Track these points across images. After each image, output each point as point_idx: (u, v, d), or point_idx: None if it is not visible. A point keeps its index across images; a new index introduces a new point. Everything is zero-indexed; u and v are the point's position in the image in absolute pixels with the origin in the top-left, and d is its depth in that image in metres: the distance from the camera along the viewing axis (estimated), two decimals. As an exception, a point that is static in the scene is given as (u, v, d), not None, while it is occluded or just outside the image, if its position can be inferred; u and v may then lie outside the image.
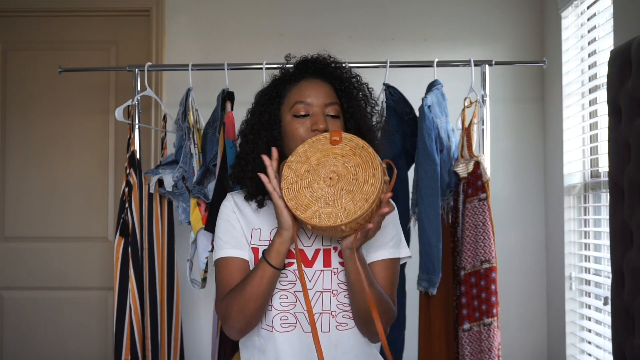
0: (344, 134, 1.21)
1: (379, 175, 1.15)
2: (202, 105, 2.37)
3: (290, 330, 1.27)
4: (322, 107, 1.30)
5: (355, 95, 1.35)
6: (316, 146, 1.21)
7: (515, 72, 2.73)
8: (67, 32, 2.89)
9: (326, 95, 1.32)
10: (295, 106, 1.31)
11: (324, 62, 1.37)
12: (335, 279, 1.28)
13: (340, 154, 1.19)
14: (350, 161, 1.18)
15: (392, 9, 2.79)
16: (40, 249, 2.86)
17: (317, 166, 1.19)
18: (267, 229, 1.32)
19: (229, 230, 1.32)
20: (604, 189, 2.19)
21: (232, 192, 1.39)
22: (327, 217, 1.15)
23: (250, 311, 1.24)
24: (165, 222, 2.34)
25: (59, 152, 2.87)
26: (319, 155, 1.20)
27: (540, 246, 2.73)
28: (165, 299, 2.32)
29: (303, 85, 1.33)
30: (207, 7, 2.81)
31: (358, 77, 1.40)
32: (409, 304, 2.19)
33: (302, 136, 1.29)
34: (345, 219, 1.13)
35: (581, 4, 2.42)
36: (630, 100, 1.59)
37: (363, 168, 1.17)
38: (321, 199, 1.16)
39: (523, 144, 2.75)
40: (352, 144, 1.20)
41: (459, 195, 2.14)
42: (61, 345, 2.84)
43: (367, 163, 1.17)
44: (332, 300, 1.28)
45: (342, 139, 1.21)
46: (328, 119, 1.30)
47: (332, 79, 1.35)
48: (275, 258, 1.22)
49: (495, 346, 2.02)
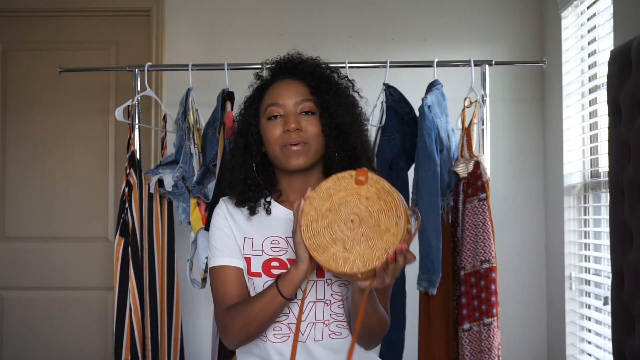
0: (371, 175, 1.16)
1: (402, 225, 1.10)
2: (202, 105, 2.37)
3: (284, 341, 1.27)
4: (295, 107, 1.28)
5: (330, 89, 1.31)
6: (340, 184, 1.17)
7: (515, 72, 2.73)
8: (67, 32, 2.89)
9: (298, 94, 1.30)
10: (268, 109, 1.30)
11: (294, 61, 1.35)
12: (329, 289, 1.28)
13: (364, 196, 1.14)
14: (374, 205, 1.13)
15: (392, 9, 2.79)
16: (40, 249, 2.86)
17: (339, 206, 1.15)
18: (260, 238, 1.31)
19: (222, 238, 1.31)
20: (604, 189, 2.19)
21: (224, 198, 1.37)
22: (343, 262, 1.11)
23: (254, 330, 1.24)
24: (165, 222, 2.34)
25: (59, 152, 2.87)
26: (342, 194, 1.16)
27: (540, 246, 2.73)
28: (165, 299, 2.32)
29: (275, 87, 1.32)
30: (207, 7, 2.81)
31: (337, 72, 1.37)
32: (409, 304, 2.18)
33: (276, 138, 1.27)
34: (362, 268, 1.10)
35: (581, 4, 2.42)
36: (630, 100, 1.59)
37: (386, 214, 1.11)
38: (340, 242, 1.12)
39: (523, 144, 2.75)
40: (377, 187, 1.14)
41: (459, 195, 2.14)
42: (61, 345, 2.84)
43: (391, 210, 1.11)
44: (325, 310, 1.27)
45: (368, 179, 1.15)
46: (302, 117, 1.28)
47: (304, 76, 1.32)
48: (287, 288, 1.20)
49: (495, 346, 2.02)
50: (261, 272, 1.28)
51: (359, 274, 1.10)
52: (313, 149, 1.28)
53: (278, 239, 1.30)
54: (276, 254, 1.29)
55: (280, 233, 1.30)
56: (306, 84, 1.31)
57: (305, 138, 1.27)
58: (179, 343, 2.36)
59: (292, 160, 1.27)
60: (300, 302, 1.21)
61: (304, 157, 1.27)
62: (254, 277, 1.28)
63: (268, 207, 1.32)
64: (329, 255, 1.13)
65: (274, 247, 1.29)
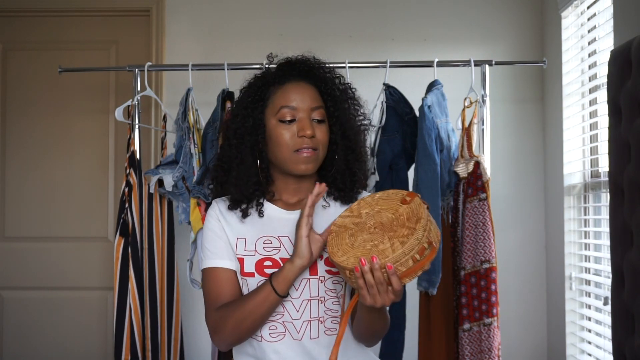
0: (418, 200, 1.14)
1: (408, 249, 1.07)
2: (202, 105, 2.37)
3: (279, 340, 1.27)
4: (309, 112, 1.27)
5: (340, 97, 1.32)
6: (390, 198, 1.18)
7: (515, 72, 2.73)
8: (67, 32, 2.89)
9: (312, 99, 1.28)
10: (280, 111, 1.27)
11: (309, 64, 1.33)
12: (323, 286, 1.27)
13: (399, 213, 1.14)
14: (397, 221, 1.13)
15: (392, 9, 2.79)
16: (40, 249, 2.86)
17: (376, 213, 1.16)
18: (253, 239, 1.30)
19: (215, 240, 1.31)
20: (604, 189, 2.19)
21: (217, 199, 1.36)
22: (342, 253, 1.12)
23: (246, 329, 1.23)
24: (165, 222, 2.34)
25: (59, 152, 2.87)
26: (385, 205, 1.17)
27: (540, 246, 2.73)
28: (165, 299, 2.32)
29: (288, 88, 1.29)
30: (207, 7, 2.81)
31: (341, 78, 1.37)
32: (409, 304, 2.19)
33: (287, 142, 1.26)
34: (347, 264, 1.10)
35: (581, 4, 2.42)
36: (630, 100, 1.59)
37: (400, 234, 1.10)
38: (352, 237, 1.14)
39: (523, 144, 2.75)
40: (414, 210, 1.13)
41: (459, 195, 2.14)
42: (61, 345, 2.84)
43: (409, 235, 1.09)
44: (319, 307, 1.27)
45: (412, 202, 1.15)
46: (314, 124, 1.27)
47: (317, 82, 1.31)
48: (282, 284, 1.20)
49: (495, 346, 2.02)
50: (254, 272, 1.27)
51: (347, 271, 1.10)
52: (321, 156, 1.29)
53: (271, 238, 1.29)
54: (269, 254, 1.28)
55: (273, 233, 1.30)
56: (319, 90, 1.31)
57: (316, 144, 1.27)
58: (179, 343, 2.36)
59: (302, 166, 1.27)
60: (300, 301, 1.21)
61: (313, 164, 1.28)
62: (247, 277, 1.28)
63: (260, 209, 1.32)
64: (337, 242, 1.14)
65: (266, 246, 1.29)
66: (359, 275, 1.08)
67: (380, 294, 1.09)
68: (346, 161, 1.32)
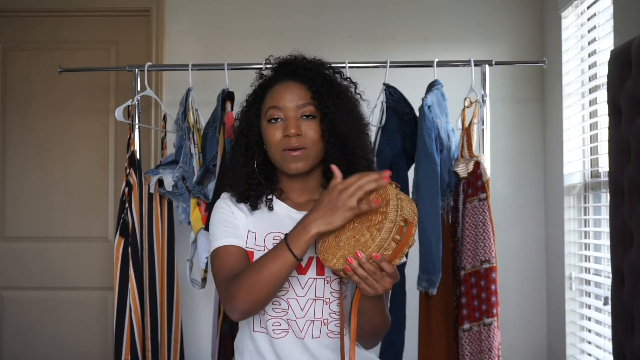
0: (390, 188, 1.13)
1: (384, 234, 1.09)
2: (202, 105, 2.37)
3: (282, 337, 1.27)
4: (296, 110, 1.28)
5: (332, 93, 1.30)
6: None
7: (515, 72, 2.73)
8: (67, 32, 2.89)
9: (299, 97, 1.28)
10: (268, 111, 1.29)
11: (297, 63, 1.33)
12: (328, 287, 1.27)
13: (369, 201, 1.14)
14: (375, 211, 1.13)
15: (392, 9, 2.79)
16: (40, 249, 2.86)
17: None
18: (262, 234, 1.30)
19: (226, 222, 1.31)
20: (604, 189, 2.19)
21: (225, 193, 1.38)
22: (331, 257, 1.14)
23: (260, 295, 1.19)
24: (165, 222, 2.34)
25: (59, 152, 2.87)
26: None
27: (540, 246, 2.73)
28: (165, 299, 2.32)
29: (276, 89, 1.31)
30: (207, 7, 2.81)
31: (340, 73, 1.36)
32: (409, 304, 2.19)
33: (276, 142, 1.27)
34: (338, 266, 1.12)
35: (581, 4, 2.42)
36: (630, 100, 1.60)
37: (377, 221, 1.11)
38: (337, 238, 1.15)
39: (523, 144, 2.75)
40: (385, 196, 1.13)
41: (459, 195, 2.14)
42: (61, 345, 2.84)
43: (382, 221, 1.10)
44: (324, 308, 1.27)
45: (380, 189, 1.14)
46: (302, 121, 1.27)
47: (306, 80, 1.31)
48: (296, 244, 1.16)
49: (495, 346, 2.02)
50: None
51: (341, 271, 1.12)
52: (312, 154, 1.28)
53: (280, 235, 1.30)
54: None
55: (282, 229, 1.30)
56: (307, 88, 1.30)
57: (304, 143, 1.27)
58: (179, 343, 2.36)
59: (292, 165, 1.27)
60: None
61: (303, 162, 1.28)
62: None
63: (270, 204, 1.33)
64: (325, 247, 1.16)
65: (275, 242, 1.29)
66: (351, 274, 1.11)
67: (378, 282, 1.12)
68: (342, 156, 1.30)
